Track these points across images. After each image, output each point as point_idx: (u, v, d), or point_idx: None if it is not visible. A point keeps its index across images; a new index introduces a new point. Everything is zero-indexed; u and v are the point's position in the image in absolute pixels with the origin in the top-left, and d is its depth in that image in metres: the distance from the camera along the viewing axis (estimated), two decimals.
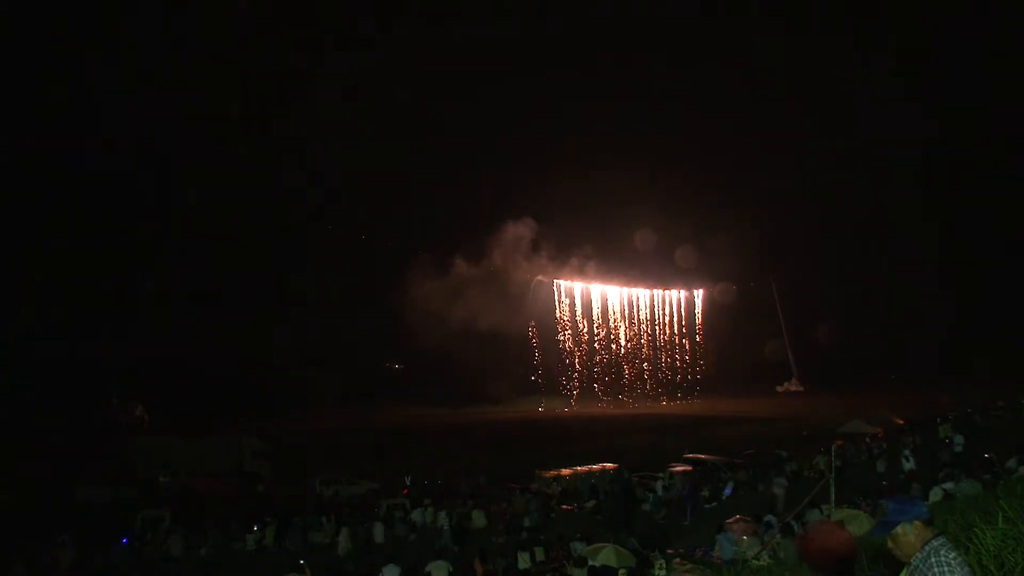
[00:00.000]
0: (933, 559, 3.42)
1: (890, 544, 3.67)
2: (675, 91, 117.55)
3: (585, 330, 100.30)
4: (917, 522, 3.52)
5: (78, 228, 73.61)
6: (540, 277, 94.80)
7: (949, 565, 3.38)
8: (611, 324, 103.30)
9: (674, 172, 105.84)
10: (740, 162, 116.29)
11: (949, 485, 14.58)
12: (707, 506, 23.55)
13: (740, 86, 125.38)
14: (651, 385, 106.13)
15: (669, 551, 14.42)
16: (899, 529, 3.60)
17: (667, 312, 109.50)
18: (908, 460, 24.16)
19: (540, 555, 16.20)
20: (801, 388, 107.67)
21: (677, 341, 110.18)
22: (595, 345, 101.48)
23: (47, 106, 75.27)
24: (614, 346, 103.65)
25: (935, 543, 3.46)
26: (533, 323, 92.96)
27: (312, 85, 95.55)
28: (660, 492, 24.83)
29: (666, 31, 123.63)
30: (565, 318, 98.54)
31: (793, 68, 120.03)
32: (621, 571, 12.48)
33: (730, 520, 14.63)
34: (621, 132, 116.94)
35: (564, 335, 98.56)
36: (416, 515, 23.31)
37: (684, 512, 21.03)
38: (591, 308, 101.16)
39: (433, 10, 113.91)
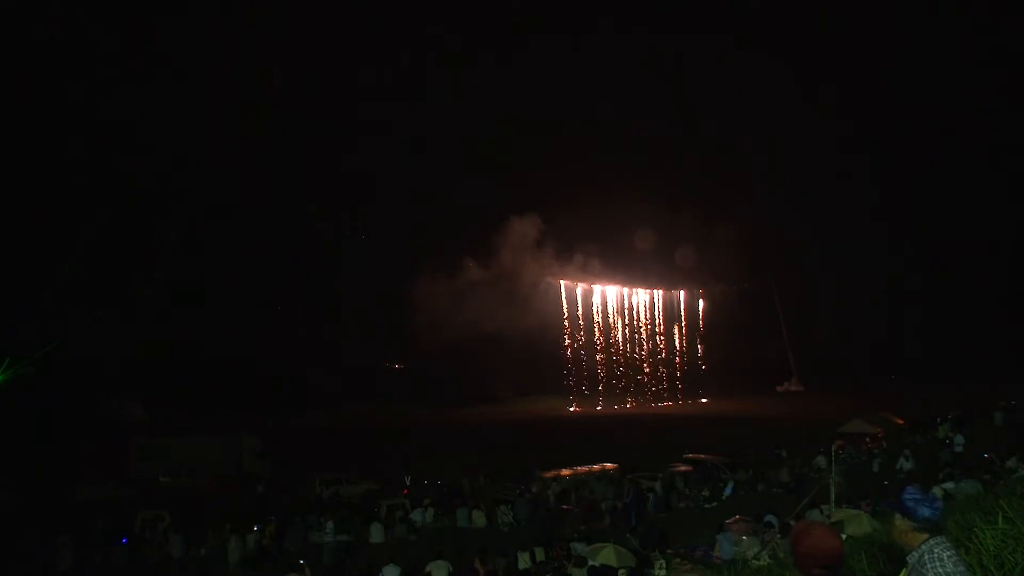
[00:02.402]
0: (927, 557, 3.46)
1: (894, 535, 3.71)
2: (676, 91, 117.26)
3: (583, 330, 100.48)
4: (914, 526, 3.53)
5: (79, 227, 73.60)
6: (548, 278, 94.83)
7: (942, 562, 3.41)
8: (612, 324, 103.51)
9: (675, 172, 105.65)
10: (741, 161, 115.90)
11: (949, 485, 14.60)
12: (707, 506, 23.62)
13: (740, 85, 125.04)
14: (652, 385, 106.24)
15: (669, 551, 14.43)
16: (898, 521, 3.62)
17: (668, 312, 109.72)
18: (907, 460, 24.23)
19: (540, 555, 16.21)
20: (801, 388, 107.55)
21: (678, 341, 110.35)
22: (595, 346, 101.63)
23: (47, 106, 75.21)
24: (615, 346, 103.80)
25: (931, 542, 3.49)
26: (537, 323, 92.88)
27: (312, 84, 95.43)
28: (659, 491, 24.85)
29: (666, 31, 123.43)
30: (567, 319, 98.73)
31: (793, 68, 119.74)
32: (621, 571, 12.49)
33: (730, 520, 14.67)
34: (622, 133, 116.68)
35: (566, 335, 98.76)
36: (416, 515, 23.34)
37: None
38: (591, 308, 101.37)
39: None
